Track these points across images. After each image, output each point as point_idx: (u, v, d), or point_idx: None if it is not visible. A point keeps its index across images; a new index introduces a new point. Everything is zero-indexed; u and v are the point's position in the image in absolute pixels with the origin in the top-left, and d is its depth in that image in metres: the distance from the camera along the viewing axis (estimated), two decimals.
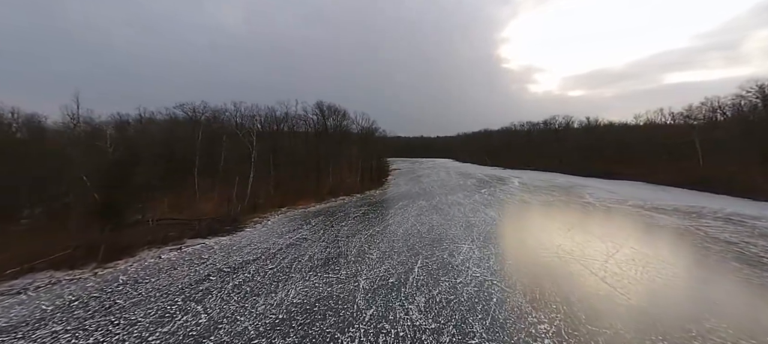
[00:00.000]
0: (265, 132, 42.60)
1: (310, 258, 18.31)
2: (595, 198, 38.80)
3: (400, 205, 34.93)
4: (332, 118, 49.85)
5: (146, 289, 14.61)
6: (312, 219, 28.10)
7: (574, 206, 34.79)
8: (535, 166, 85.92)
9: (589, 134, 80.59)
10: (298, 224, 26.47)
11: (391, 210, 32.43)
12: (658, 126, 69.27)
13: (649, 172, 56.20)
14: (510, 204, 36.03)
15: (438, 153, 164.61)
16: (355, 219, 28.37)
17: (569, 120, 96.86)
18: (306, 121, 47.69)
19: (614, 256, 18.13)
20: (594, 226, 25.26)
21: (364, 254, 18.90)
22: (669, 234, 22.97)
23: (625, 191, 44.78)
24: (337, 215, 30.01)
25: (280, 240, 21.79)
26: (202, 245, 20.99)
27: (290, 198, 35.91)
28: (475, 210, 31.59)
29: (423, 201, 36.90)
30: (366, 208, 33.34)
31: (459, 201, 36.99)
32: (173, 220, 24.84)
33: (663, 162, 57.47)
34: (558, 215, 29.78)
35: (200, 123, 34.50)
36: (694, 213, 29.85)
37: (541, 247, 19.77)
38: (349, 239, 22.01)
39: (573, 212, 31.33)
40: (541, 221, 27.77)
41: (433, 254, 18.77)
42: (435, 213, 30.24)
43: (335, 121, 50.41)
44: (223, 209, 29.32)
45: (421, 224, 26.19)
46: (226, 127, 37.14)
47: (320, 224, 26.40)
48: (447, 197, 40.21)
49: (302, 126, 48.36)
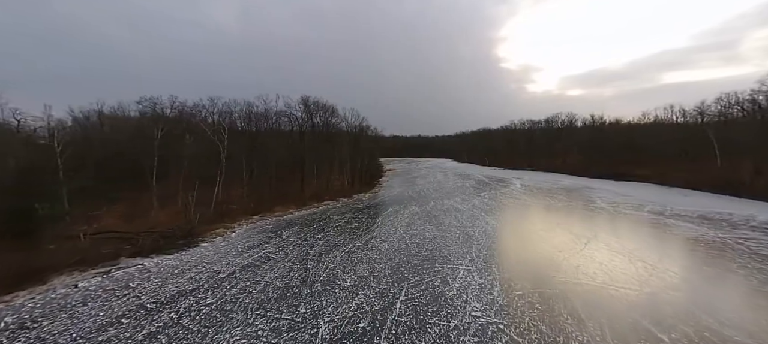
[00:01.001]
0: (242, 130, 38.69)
1: (266, 287, 14.40)
2: (607, 203, 34.99)
3: (389, 212, 31.03)
4: (319, 114, 45.86)
5: (29, 339, 10.70)
6: (285, 230, 24.16)
7: (585, 212, 30.99)
8: (537, 167, 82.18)
9: (593, 133, 76.80)
10: (266, 237, 22.54)
11: (378, 218, 28.53)
12: (667, 124, 65.63)
13: (660, 172, 52.51)
14: (513, 210, 32.19)
15: (436, 153, 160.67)
16: (336, 229, 24.46)
17: (572, 118, 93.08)
18: (290, 118, 43.72)
19: (649, 281, 14.33)
20: (614, 239, 21.42)
21: (335, 280, 15.00)
22: (707, 249, 19.14)
23: (637, 194, 41.01)
24: (316, 224, 26.09)
25: (237, 260, 17.86)
26: (139, 267, 17.03)
27: (267, 204, 32.00)
28: (474, 218, 27.72)
29: (415, 207, 32.99)
30: (350, 215, 29.42)
31: (456, 207, 33.12)
32: (113, 234, 20.87)
33: (675, 162, 53.81)
34: (569, 223, 25.95)
35: (160, 119, 30.47)
36: (723, 221, 26.08)
37: (556, 269, 15.92)
38: (321, 258, 18.10)
39: (585, 220, 27.51)
40: (551, 232, 23.93)
41: (421, 280, 14.89)
42: (428, 222, 26.36)
43: (322, 118, 46.47)
44: (184, 218, 25.36)
45: (411, 236, 22.30)
46: (193, 125, 33.10)
47: (293, 236, 22.46)
48: (443, 202, 36.34)
49: (286, 124, 44.40)
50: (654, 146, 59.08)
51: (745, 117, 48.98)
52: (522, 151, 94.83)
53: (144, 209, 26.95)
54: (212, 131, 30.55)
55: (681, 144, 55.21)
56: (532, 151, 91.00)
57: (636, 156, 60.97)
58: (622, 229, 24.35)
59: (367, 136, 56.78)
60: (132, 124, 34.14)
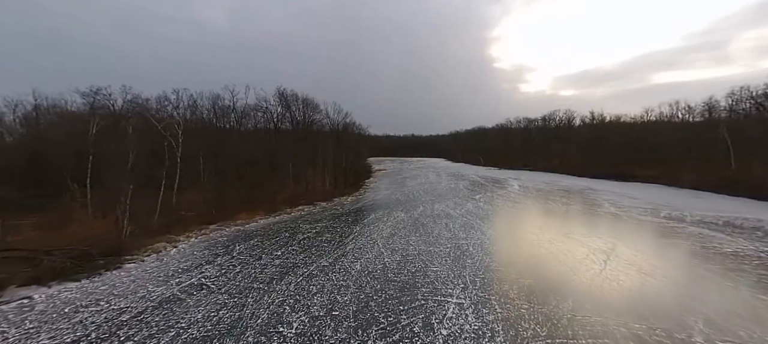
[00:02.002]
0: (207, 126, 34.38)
1: (174, 339, 10.22)
2: (617, 208, 31.30)
3: (371, 219, 26.97)
4: (298, 109, 41.56)
5: None
6: (239, 245, 19.95)
7: (595, 219, 27.23)
8: (533, 166, 78.79)
9: (593, 131, 73.37)
10: (212, 254, 18.32)
11: (356, 227, 24.43)
12: (671, 122, 62.48)
13: (668, 173, 49.21)
14: (512, 217, 28.30)
15: (429, 152, 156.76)
16: (301, 243, 20.31)
17: (570, 116, 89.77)
18: (265, 113, 39.36)
19: (715, 324, 10.39)
20: (638, 255, 17.57)
21: (277, 324, 10.90)
22: (757, 269, 15.36)
23: (646, 196, 37.48)
24: (280, 236, 21.91)
25: (158, 290, 13.64)
26: (22, 302, 12.74)
27: (231, 211, 27.75)
28: (468, 227, 23.78)
29: (402, 213, 28.94)
30: (324, 225, 25.27)
31: (447, 213, 29.15)
32: (15, 253, 16.50)
33: (682, 161, 50.49)
34: (578, 233, 22.11)
35: (100, 111, 26.04)
36: (756, 229, 22.51)
37: (577, 303, 11.95)
38: (270, 285, 13.97)
39: (596, 228, 23.71)
40: (560, 244, 20.07)
41: (397, 322, 10.86)
42: (414, 233, 22.34)
43: (301, 113, 42.17)
44: (121, 229, 21.02)
45: (392, 252, 18.25)
46: (143, 119, 28.64)
47: (244, 254, 18.27)
48: (433, 206, 32.36)
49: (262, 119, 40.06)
50: (658, 145, 55.77)
51: (759, 112, 45.72)
52: (518, 150, 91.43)
53: (77, 219, 22.57)
54: (164, 126, 26.13)
55: (688, 142, 51.91)
56: (529, 150, 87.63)
57: (639, 155, 57.68)
58: (643, 241, 20.54)
59: (352, 133, 52.53)
60: (68, 118, 29.58)
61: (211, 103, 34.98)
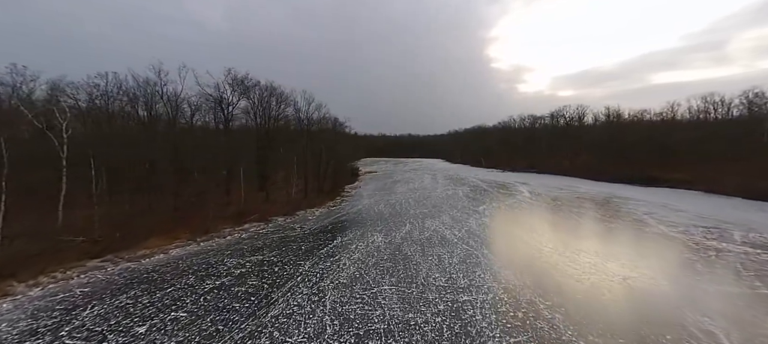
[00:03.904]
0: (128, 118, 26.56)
1: None
2: (668, 225, 23.62)
3: (332, 248, 19.15)
4: (258, 99, 33.55)
5: None
6: (94, 307, 12.07)
7: (640, 242, 19.58)
8: (541, 168, 71.08)
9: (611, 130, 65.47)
10: (28, 329, 10.47)
11: (305, 263, 16.57)
12: (704, 120, 54.99)
13: (704, 176, 41.64)
14: (533, 241, 20.52)
15: (427, 152, 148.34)
16: (202, 300, 12.47)
17: (582, 112, 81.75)
18: (218, 103, 31.29)
19: None
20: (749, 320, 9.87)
21: None
22: None
23: (693, 207, 29.86)
24: (178, 284, 14.04)
25: None
26: None
27: (141, 234, 19.94)
28: (472, 264, 16.02)
29: (379, 236, 21.10)
30: (260, 258, 17.43)
31: (442, 235, 21.38)
32: None
33: (720, 163, 42.98)
34: (642, 274, 14.40)
35: None
36: None
37: None
38: None
39: (660, 263, 16.01)
40: (620, 299, 12.35)
41: None
42: (389, 276, 14.54)
43: (266, 104, 34.21)
44: None
45: (341, 328, 10.46)
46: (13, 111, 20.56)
47: (85, 333, 10.41)
48: (424, 224, 24.58)
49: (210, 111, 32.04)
50: (688, 144, 48.23)
51: None
52: (521, 151, 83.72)
53: None
54: (37, 115, 18.25)
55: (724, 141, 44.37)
56: (533, 151, 79.92)
57: (664, 156, 50.09)
58: (739, 289, 12.81)
59: (328, 130, 44.25)
60: None
61: (139, 89, 26.86)
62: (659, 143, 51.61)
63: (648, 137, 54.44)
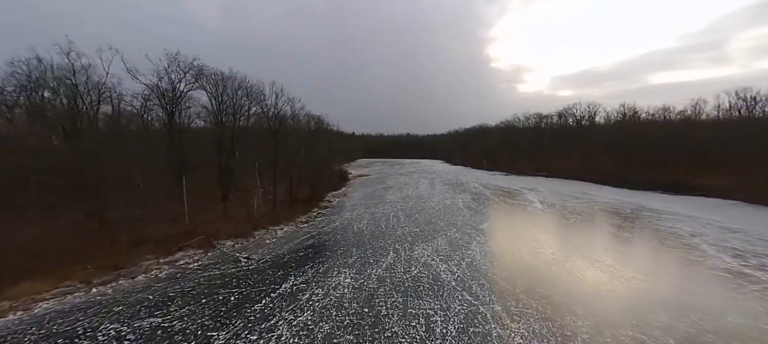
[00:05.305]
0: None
1: None
2: (733, 256, 17.89)
3: (275, 299, 13.43)
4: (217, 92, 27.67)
5: None
6: None
7: (711, 286, 13.84)
8: (549, 171, 65.31)
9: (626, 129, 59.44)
10: None
11: (221, 335, 10.85)
12: (737, 119, 49.24)
13: (742, 183, 35.89)
14: (559, 280, 14.75)
15: (426, 153, 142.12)
16: None
17: (594, 110, 75.80)
18: (160, 95, 25.48)
19: None
20: None
21: None
22: None
23: (748, 225, 24.14)
24: None
25: None
26: None
27: (19, 270, 14.33)
28: (476, 333, 10.30)
29: (348, 277, 15.35)
30: (159, 321, 11.72)
31: (435, 272, 15.66)
32: None
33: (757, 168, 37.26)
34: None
35: None
36: None
37: None
38: None
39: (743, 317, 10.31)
40: None
41: None
42: None
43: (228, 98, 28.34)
44: None
45: None
46: None
47: None
48: (412, 252, 18.83)
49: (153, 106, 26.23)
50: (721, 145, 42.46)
51: None
52: (525, 151, 77.83)
53: None
54: None
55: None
56: (539, 152, 74.05)
57: (693, 159, 44.32)
58: None
59: (301, 129, 37.77)
60: None
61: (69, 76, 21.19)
62: (683, 145, 45.78)
63: (670, 136, 48.58)
